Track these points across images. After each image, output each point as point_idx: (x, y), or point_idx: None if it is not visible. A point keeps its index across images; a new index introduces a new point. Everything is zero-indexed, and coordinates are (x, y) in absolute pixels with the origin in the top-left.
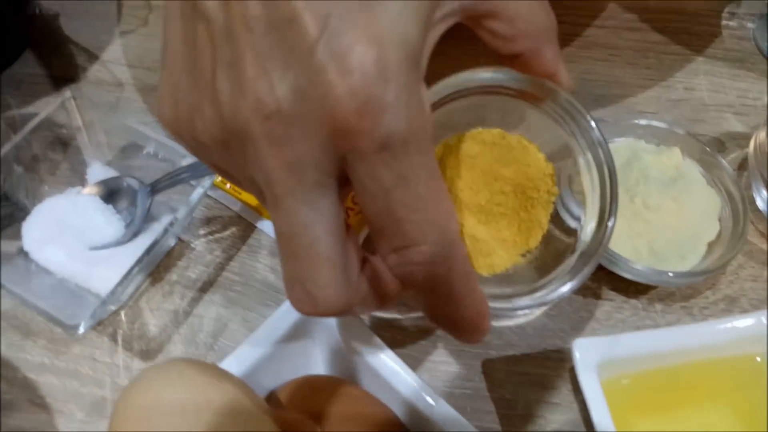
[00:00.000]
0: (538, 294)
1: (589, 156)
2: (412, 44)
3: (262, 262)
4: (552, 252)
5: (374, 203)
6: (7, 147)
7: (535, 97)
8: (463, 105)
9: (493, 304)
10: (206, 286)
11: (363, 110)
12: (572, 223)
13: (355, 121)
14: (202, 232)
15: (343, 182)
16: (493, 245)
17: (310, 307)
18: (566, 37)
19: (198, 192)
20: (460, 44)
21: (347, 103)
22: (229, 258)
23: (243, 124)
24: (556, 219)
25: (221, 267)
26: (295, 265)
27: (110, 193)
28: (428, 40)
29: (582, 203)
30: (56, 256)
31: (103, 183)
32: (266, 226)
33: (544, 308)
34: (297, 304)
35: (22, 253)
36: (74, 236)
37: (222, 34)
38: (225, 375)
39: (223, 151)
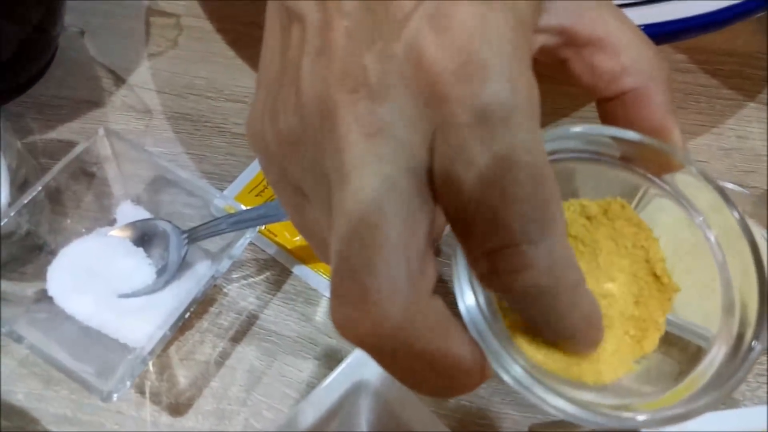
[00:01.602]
0: (678, 409)
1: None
2: (522, 12)
3: (297, 310)
4: (673, 354)
5: (463, 189)
6: (37, 187)
7: (651, 166)
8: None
9: (599, 419)
10: (239, 336)
11: (460, 72)
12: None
13: (450, 85)
14: (235, 275)
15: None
16: (604, 344)
17: (359, 306)
18: None
19: (241, 244)
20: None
21: (443, 63)
22: (264, 305)
23: (324, 101)
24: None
25: (255, 315)
26: (355, 251)
27: (141, 236)
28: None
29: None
30: (83, 304)
31: (134, 225)
32: (302, 272)
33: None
34: (342, 306)
35: (46, 298)
36: (103, 282)
37: (315, 27)
38: None
39: (297, 151)
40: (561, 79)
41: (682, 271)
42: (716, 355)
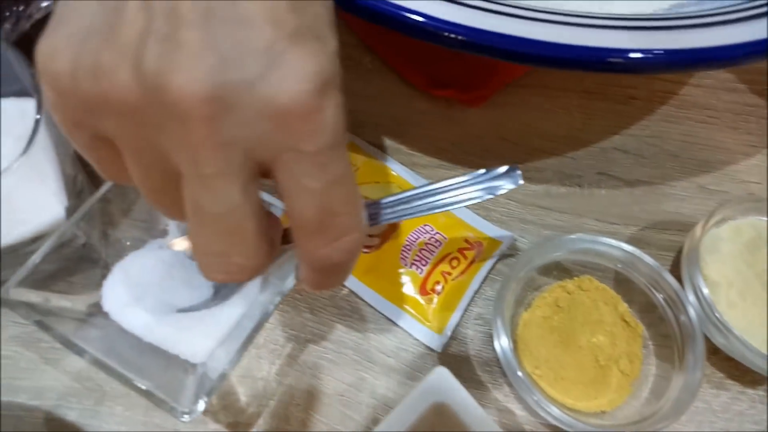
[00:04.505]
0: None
1: None
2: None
3: (354, 327)
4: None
5: (312, 201)
6: (96, 196)
7: None
8: None
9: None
10: (296, 352)
11: (311, 116)
12: None
13: (302, 124)
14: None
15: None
16: (607, 380)
17: (235, 275)
18: (664, 95)
19: None
20: None
21: (301, 105)
22: (320, 321)
23: (175, 97)
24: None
25: (311, 331)
26: (223, 240)
27: None
28: None
29: None
30: (141, 319)
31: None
32: (357, 287)
33: None
34: (219, 275)
35: (101, 313)
36: (160, 298)
37: (163, 10)
38: None
39: (121, 115)
40: None
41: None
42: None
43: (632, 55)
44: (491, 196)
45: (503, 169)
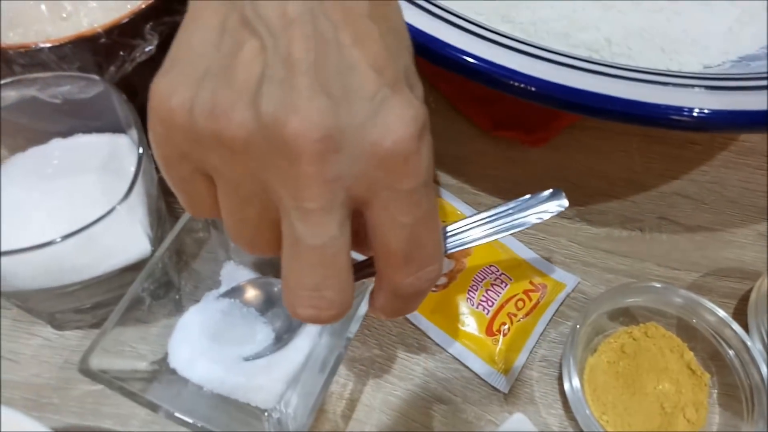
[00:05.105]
0: None
1: None
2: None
3: (422, 365)
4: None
5: (403, 235)
6: (174, 231)
7: None
8: None
9: None
10: (365, 388)
11: (411, 158)
12: None
13: (403, 165)
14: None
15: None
16: (673, 428)
17: (324, 311)
18: (723, 140)
19: (366, 301)
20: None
21: (403, 148)
22: (388, 358)
23: (290, 136)
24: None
25: (380, 367)
26: (317, 273)
27: (251, 296)
28: None
29: None
30: (209, 372)
31: (244, 287)
32: (424, 325)
33: None
34: (308, 310)
35: (169, 370)
36: (224, 348)
37: (279, 56)
38: None
39: (230, 150)
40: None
41: None
42: None
43: (696, 114)
44: (540, 221)
45: (548, 192)
